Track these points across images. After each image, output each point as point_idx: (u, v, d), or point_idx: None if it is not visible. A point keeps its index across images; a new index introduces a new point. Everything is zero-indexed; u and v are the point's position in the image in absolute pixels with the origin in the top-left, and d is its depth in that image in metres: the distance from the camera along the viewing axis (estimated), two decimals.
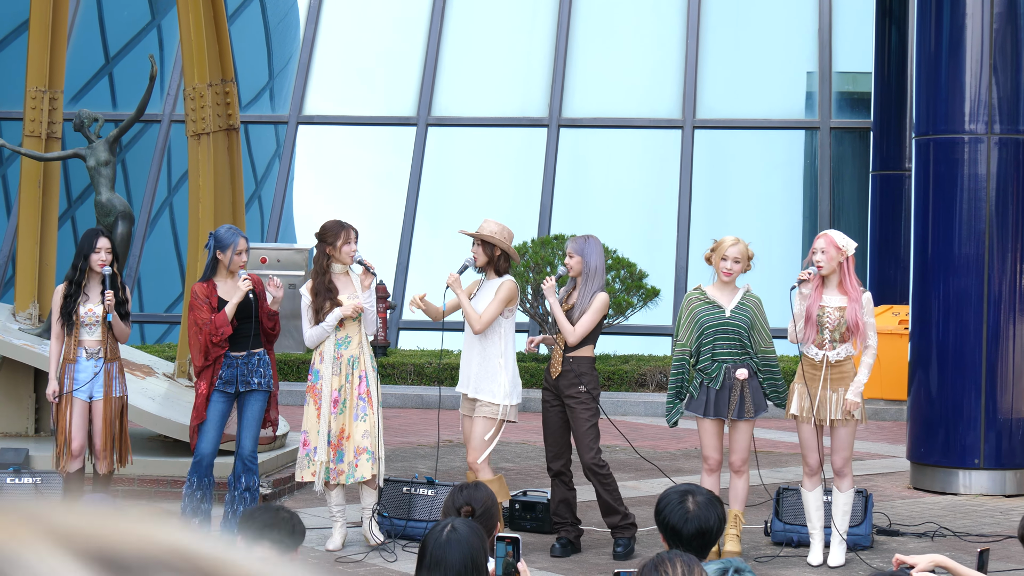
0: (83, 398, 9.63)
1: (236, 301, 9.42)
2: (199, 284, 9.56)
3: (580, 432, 9.70)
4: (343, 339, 9.69)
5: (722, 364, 9.45)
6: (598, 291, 9.72)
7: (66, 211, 21.78)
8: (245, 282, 9.44)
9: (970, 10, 11.95)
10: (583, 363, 9.73)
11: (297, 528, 5.31)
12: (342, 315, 9.61)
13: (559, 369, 9.74)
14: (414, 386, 18.04)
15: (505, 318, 9.69)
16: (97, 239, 9.62)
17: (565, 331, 9.66)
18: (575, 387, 9.68)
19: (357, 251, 9.75)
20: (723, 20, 22.24)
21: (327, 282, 9.69)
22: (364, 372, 9.69)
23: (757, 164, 21.48)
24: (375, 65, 22.60)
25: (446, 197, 21.40)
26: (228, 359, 9.47)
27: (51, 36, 12.97)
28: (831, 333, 9.31)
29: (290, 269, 18.74)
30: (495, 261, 9.72)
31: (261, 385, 9.56)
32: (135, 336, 20.36)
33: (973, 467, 11.88)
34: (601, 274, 9.78)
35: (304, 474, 9.67)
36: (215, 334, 9.35)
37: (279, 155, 22.17)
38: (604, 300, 9.74)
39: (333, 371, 9.67)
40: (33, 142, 12.94)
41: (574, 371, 9.69)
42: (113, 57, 23.41)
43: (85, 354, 9.62)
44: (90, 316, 9.59)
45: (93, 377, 9.63)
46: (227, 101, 12.49)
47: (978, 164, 11.90)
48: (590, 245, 9.76)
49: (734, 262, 9.46)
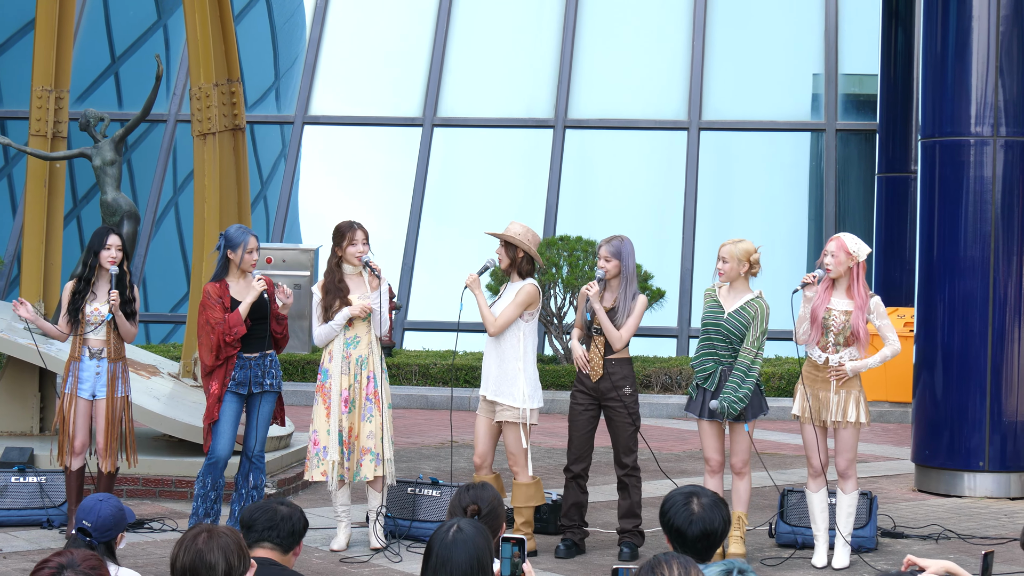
0: (86, 397, 9.63)
1: (250, 300, 9.41)
2: (211, 284, 9.54)
3: (623, 435, 9.66)
4: (352, 339, 9.69)
5: (718, 365, 9.44)
6: (638, 293, 9.70)
7: (72, 210, 21.79)
8: (260, 282, 9.44)
9: (976, 12, 11.94)
10: (624, 365, 9.71)
11: (297, 527, 5.30)
12: (350, 315, 9.61)
13: (599, 372, 9.69)
14: (419, 387, 18.05)
15: (525, 321, 9.64)
16: (108, 236, 9.62)
17: (612, 337, 9.60)
18: (619, 390, 9.65)
19: (365, 253, 9.74)
20: (729, 21, 22.24)
21: (337, 281, 9.70)
22: (373, 372, 9.69)
23: (762, 166, 21.48)
24: (381, 65, 22.61)
25: (452, 198, 21.40)
26: (241, 360, 9.45)
27: (57, 35, 12.97)
28: (835, 336, 9.29)
29: (295, 269, 18.74)
30: (518, 264, 9.69)
31: (273, 386, 9.56)
32: (140, 336, 20.38)
33: (978, 469, 11.88)
34: (635, 276, 9.77)
35: (314, 473, 9.66)
36: (228, 333, 9.33)
37: (285, 155, 22.18)
38: (644, 302, 9.72)
39: (342, 370, 9.66)
40: (39, 141, 12.95)
41: (617, 373, 9.66)
42: (119, 57, 23.43)
43: (89, 353, 9.62)
44: (96, 316, 9.59)
45: (96, 376, 9.63)
46: (233, 101, 12.49)
47: (984, 166, 11.89)
48: (625, 247, 9.70)
49: (723, 261, 9.45)
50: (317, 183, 22.28)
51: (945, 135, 12.02)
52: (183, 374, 12.56)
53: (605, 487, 12.02)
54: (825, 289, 9.33)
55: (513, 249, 9.66)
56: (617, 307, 9.64)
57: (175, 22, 22.88)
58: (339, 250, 9.72)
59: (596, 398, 9.71)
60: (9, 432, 12.24)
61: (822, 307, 9.30)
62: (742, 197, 21.19)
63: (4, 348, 11.60)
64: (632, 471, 9.71)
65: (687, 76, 21.78)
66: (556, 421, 15.73)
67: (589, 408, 9.72)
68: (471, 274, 9.73)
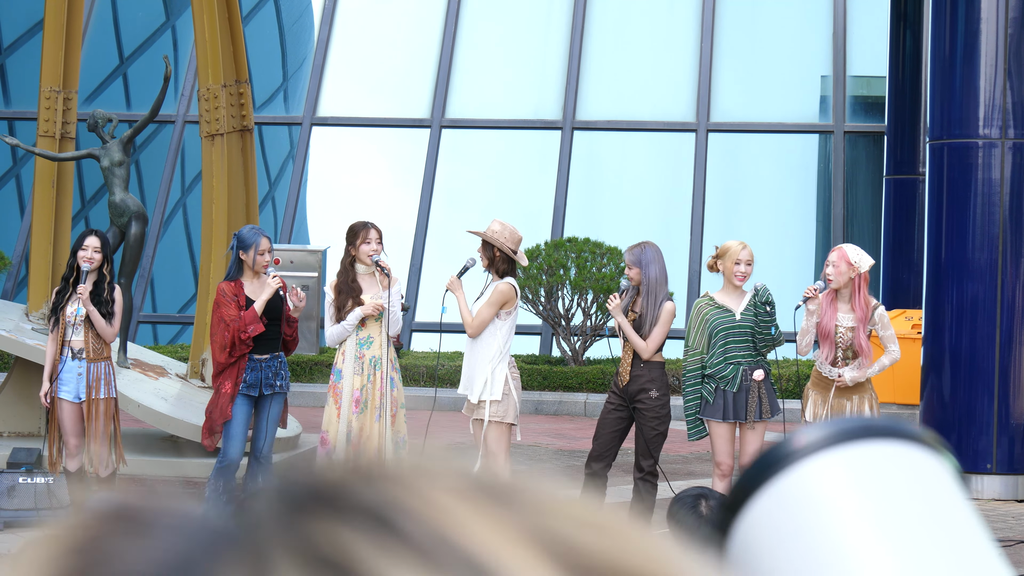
0: (70, 398, 9.61)
1: (265, 297, 9.40)
2: (225, 283, 9.54)
3: (647, 437, 9.68)
4: (365, 339, 9.68)
5: (738, 366, 9.44)
6: (664, 301, 9.67)
7: (80, 211, 21.81)
8: (275, 279, 9.43)
9: (985, 15, 11.93)
10: (654, 369, 9.72)
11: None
12: (363, 314, 9.60)
13: (627, 377, 9.70)
14: (426, 388, 18.04)
15: (501, 320, 9.62)
16: (86, 238, 9.61)
17: (638, 347, 9.61)
18: (646, 392, 9.65)
19: (378, 252, 9.74)
20: (737, 23, 22.23)
21: (350, 281, 9.69)
22: (387, 374, 9.69)
23: (771, 168, 21.47)
24: (389, 67, 22.61)
25: (460, 199, 21.40)
26: (252, 362, 9.44)
27: (66, 36, 12.98)
28: (843, 352, 9.31)
29: (303, 271, 18.75)
30: (495, 263, 9.65)
31: (282, 388, 9.56)
32: (148, 336, 20.40)
33: (986, 472, 11.86)
34: (664, 282, 9.71)
35: None
36: (243, 331, 9.32)
37: (293, 156, 22.19)
38: (671, 310, 9.69)
39: (355, 371, 9.65)
40: (47, 142, 12.95)
41: (644, 376, 9.67)
42: (127, 57, 23.45)
43: (71, 354, 9.61)
44: (74, 316, 9.58)
45: (78, 378, 9.61)
46: (241, 102, 12.50)
47: (992, 169, 11.88)
48: (647, 254, 9.68)
49: (747, 265, 9.46)
50: (325, 184, 22.28)
51: (953, 137, 12.01)
52: (191, 375, 12.56)
53: (620, 487, 12.01)
54: (830, 303, 9.33)
55: (491, 248, 9.63)
56: (642, 316, 9.64)
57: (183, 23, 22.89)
58: (352, 249, 9.71)
59: (626, 401, 9.73)
60: (17, 433, 12.24)
61: (831, 323, 9.30)
62: (750, 199, 21.18)
63: (12, 349, 11.61)
64: (648, 475, 9.70)
65: (695, 78, 21.77)
66: (564, 423, 15.72)
67: (619, 408, 9.74)
68: (452, 276, 9.71)
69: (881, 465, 0.88)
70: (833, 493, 0.86)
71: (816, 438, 0.88)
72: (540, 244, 18.03)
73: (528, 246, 16.68)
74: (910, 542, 0.84)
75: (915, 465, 0.89)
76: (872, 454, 0.88)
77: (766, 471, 0.87)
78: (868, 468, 0.87)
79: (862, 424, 0.89)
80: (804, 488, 0.86)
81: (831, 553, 0.84)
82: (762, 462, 0.87)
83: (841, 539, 0.84)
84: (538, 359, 18.30)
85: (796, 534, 0.85)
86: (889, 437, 0.89)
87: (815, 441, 0.87)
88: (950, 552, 0.85)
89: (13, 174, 22.80)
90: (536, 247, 17.75)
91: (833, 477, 0.86)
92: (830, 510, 0.85)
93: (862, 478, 0.87)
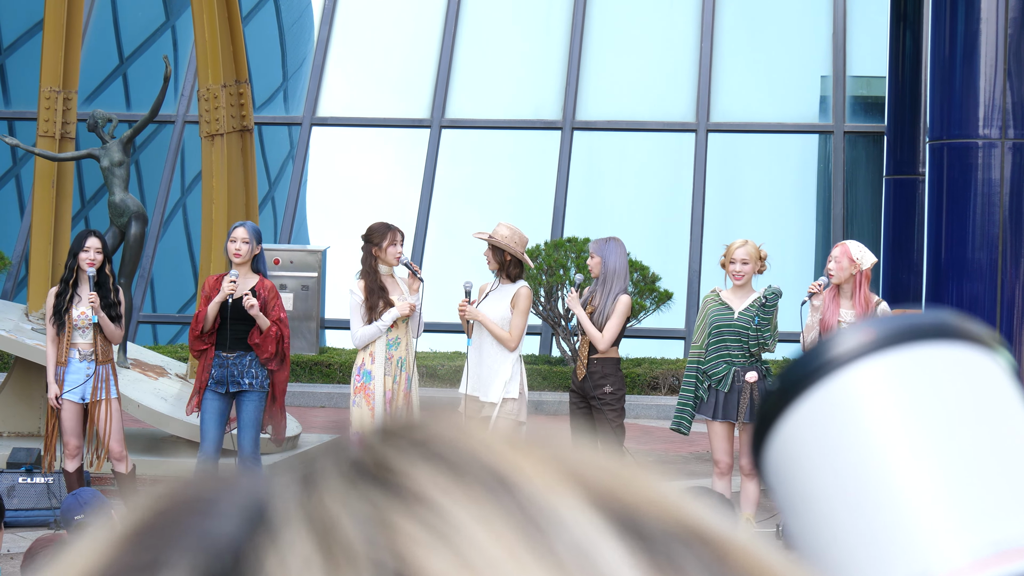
0: (75, 399, 9.62)
1: (217, 300, 9.36)
2: (212, 276, 9.62)
3: (605, 432, 9.73)
4: (394, 340, 9.68)
5: (731, 367, 9.45)
6: (620, 294, 9.73)
7: (80, 211, 21.81)
8: (231, 284, 9.35)
9: (985, 15, 11.93)
10: (608, 364, 9.77)
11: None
12: (399, 314, 9.61)
13: (584, 371, 9.76)
14: (427, 388, 18.06)
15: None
16: (87, 239, 9.60)
17: (594, 339, 9.67)
18: (600, 388, 9.70)
19: (403, 254, 9.77)
20: (737, 23, 22.24)
21: (379, 281, 9.67)
22: (409, 374, 9.74)
23: (771, 168, 21.47)
24: (389, 67, 22.62)
25: (460, 200, 21.41)
26: (219, 358, 9.44)
27: (65, 36, 12.99)
28: None
29: (303, 271, 18.75)
30: (507, 266, 9.70)
31: (253, 386, 9.51)
32: (147, 337, 20.40)
33: None
34: (622, 276, 9.79)
35: None
36: (194, 328, 9.38)
37: (293, 156, 22.20)
38: (626, 303, 9.77)
39: (385, 371, 9.65)
40: (47, 142, 12.96)
41: (599, 372, 9.73)
42: (127, 58, 23.46)
43: (78, 356, 9.61)
44: (83, 319, 9.56)
45: (85, 380, 9.61)
46: (241, 102, 12.51)
47: (992, 169, 11.88)
48: (609, 247, 9.77)
49: (742, 263, 9.48)
50: (325, 185, 22.29)
51: (953, 137, 12.01)
52: (190, 375, 12.56)
53: None
54: (832, 298, 9.35)
55: (501, 252, 9.66)
56: (597, 308, 9.70)
57: (183, 23, 22.89)
58: (377, 250, 9.65)
59: (584, 396, 9.83)
60: (16, 433, 12.25)
61: (833, 319, 9.31)
62: (750, 199, 21.18)
63: (12, 349, 11.62)
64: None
65: (695, 78, 21.78)
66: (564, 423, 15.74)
67: (581, 406, 9.88)
68: (466, 306, 9.71)
69: (929, 371, 0.82)
70: (878, 406, 0.81)
71: (859, 343, 0.83)
72: (540, 244, 18.04)
73: (528, 246, 16.62)
74: (961, 453, 0.80)
75: (967, 367, 0.83)
76: (919, 358, 0.82)
77: (802, 382, 0.82)
78: (915, 377, 0.82)
79: (908, 325, 0.84)
80: (846, 399, 0.81)
81: (877, 467, 0.80)
82: (798, 368, 0.83)
83: (887, 453, 0.80)
84: (538, 359, 18.31)
85: (837, 450, 0.81)
86: (938, 338, 0.83)
87: (858, 347, 0.83)
88: (1005, 456, 0.80)
89: (13, 174, 22.81)
90: (536, 247, 17.76)
91: (877, 389, 0.81)
92: (875, 424, 0.81)
93: (909, 389, 0.82)
